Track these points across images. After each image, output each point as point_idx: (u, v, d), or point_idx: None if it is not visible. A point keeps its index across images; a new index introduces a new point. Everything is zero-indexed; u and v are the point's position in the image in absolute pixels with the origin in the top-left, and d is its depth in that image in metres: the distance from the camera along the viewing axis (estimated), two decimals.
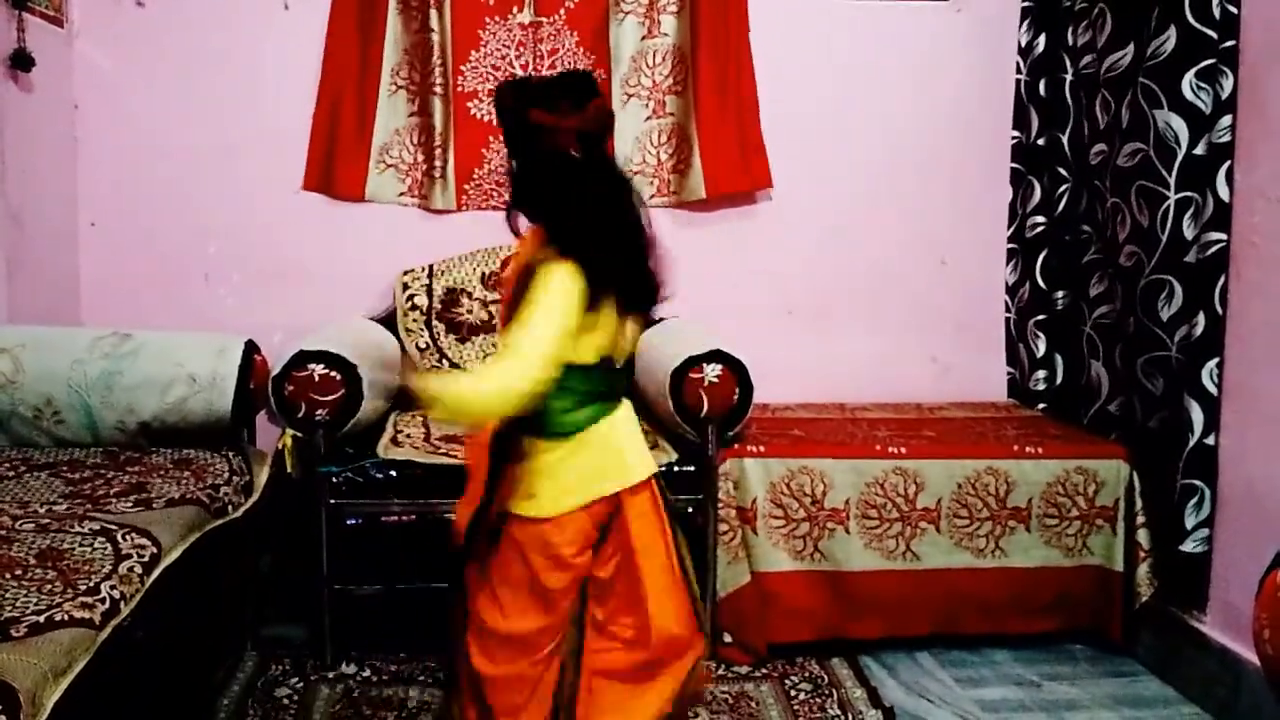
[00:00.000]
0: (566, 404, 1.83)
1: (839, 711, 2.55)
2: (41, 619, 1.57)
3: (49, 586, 1.69)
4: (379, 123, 3.41)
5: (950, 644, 2.89)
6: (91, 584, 1.72)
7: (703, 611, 2.01)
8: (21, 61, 2.92)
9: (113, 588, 1.75)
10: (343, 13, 3.34)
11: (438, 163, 3.37)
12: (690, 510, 2.74)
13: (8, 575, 1.71)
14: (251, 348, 2.70)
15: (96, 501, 2.13)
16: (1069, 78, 3.27)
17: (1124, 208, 2.86)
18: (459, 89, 3.40)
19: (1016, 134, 3.53)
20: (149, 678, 1.94)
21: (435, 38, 3.32)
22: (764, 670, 2.76)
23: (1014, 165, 3.54)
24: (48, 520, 1.97)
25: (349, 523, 2.67)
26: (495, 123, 1.89)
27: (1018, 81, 3.50)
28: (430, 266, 3.34)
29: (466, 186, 3.43)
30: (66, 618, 1.60)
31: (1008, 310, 3.60)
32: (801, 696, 2.63)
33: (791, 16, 3.48)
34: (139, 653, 1.80)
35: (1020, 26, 3.48)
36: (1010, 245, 3.57)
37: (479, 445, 1.90)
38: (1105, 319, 3.10)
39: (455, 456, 2.63)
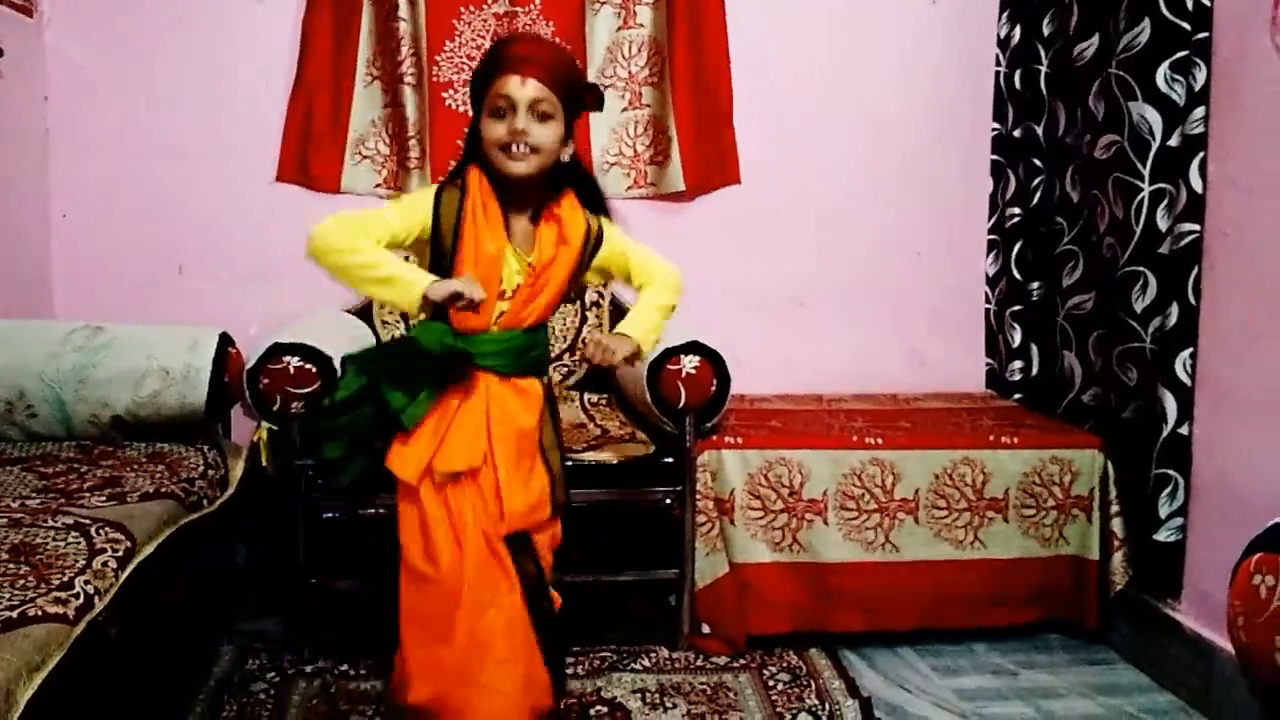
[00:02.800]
0: None
1: (817, 701, 2.56)
2: (14, 614, 1.56)
3: (22, 582, 1.67)
4: (355, 114, 3.38)
5: (929, 635, 2.90)
6: (65, 579, 1.71)
7: None
8: None
9: (87, 583, 1.73)
10: (319, 3, 3.32)
11: (413, 154, 3.36)
12: (668, 502, 2.75)
13: None
14: (226, 340, 2.68)
15: (70, 496, 2.12)
16: (1043, 69, 3.29)
17: (1102, 199, 2.88)
18: (434, 79, 3.38)
19: (997, 126, 3.54)
20: (124, 673, 1.93)
21: (406, 27, 3.29)
22: (742, 661, 2.76)
23: (994, 157, 3.55)
24: (20, 515, 1.96)
25: (326, 516, 2.66)
26: (537, 104, 1.86)
27: (997, 74, 3.51)
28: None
29: (442, 176, 3.40)
30: (40, 613, 1.58)
31: (988, 301, 3.62)
32: (780, 687, 2.63)
33: (768, 8, 3.47)
34: (114, 648, 1.79)
35: (999, 18, 3.49)
36: (991, 237, 3.59)
37: (538, 404, 2.01)
38: (1079, 310, 3.11)
39: None
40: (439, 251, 1.91)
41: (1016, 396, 3.43)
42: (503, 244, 1.90)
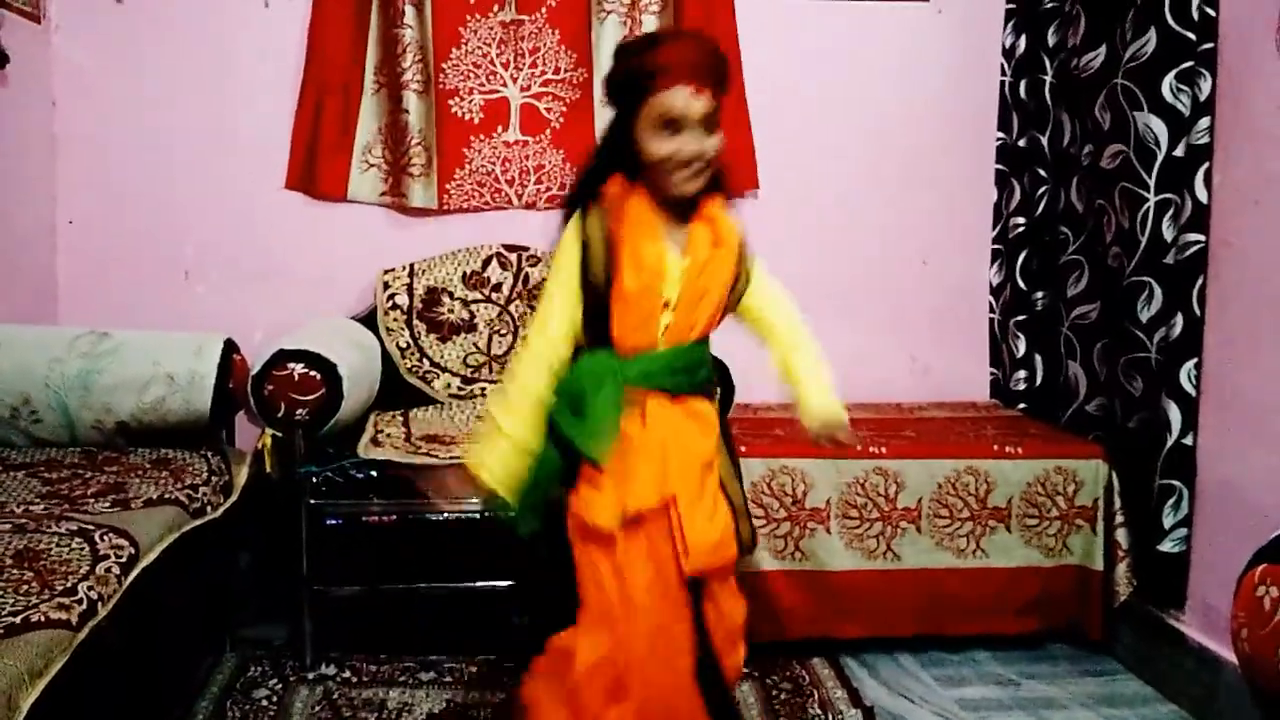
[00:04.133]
0: None
1: (820, 711, 2.56)
2: (18, 620, 1.56)
3: (25, 587, 1.67)
4: (362, 122, 3.39)
5: (931, 644, 2.89)
6: (68, 585, 1.71)
7: None
8: None
9: (90, 588, 1.74)
10: (326, 11, 3.33)
11: (417, 161, 3.36)
12: None
13: None
14: (231, 347, 2.69)
15: (74, 502, 2.12)
16: (1048, 79, 3.29)
17: (1108, 209, 2.88)
18: (441, 86, 3.39)
19: (1001, 135, 3.54)
20: (126, 679, 1.93)
21: (412, 34, 3.30)
22: (745, 670, 2.76)
23: (999, 166, 3.55)
24: (24, 520, 1.96)
25: (329, 523, 2.66)
26: (606, 102, 1.80)
27: (1002, 83, 3.51)
28: (411, 266, 3.33)
29: (448, 186, 3.41)
30: (43, 619, 1.59)
31: (992, 311, 3.61)
32: (782, 696, 2.63)
33: (773, 17, 3.48)
34: (116, 654, 1.79)
35: (1005, 28, 3.49)
36: (995, 246, 3.58)
37: (714, 429, 1.88)
38: (1083, 320, 3.11)
39: (436, 456, 2.62)
40: (590, 278, 1.78)
41: (1020, 406, 3.43)
42: (663, 251, 1.78)
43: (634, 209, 1.77)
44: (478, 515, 2.64)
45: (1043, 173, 3.34)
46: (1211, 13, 2.56)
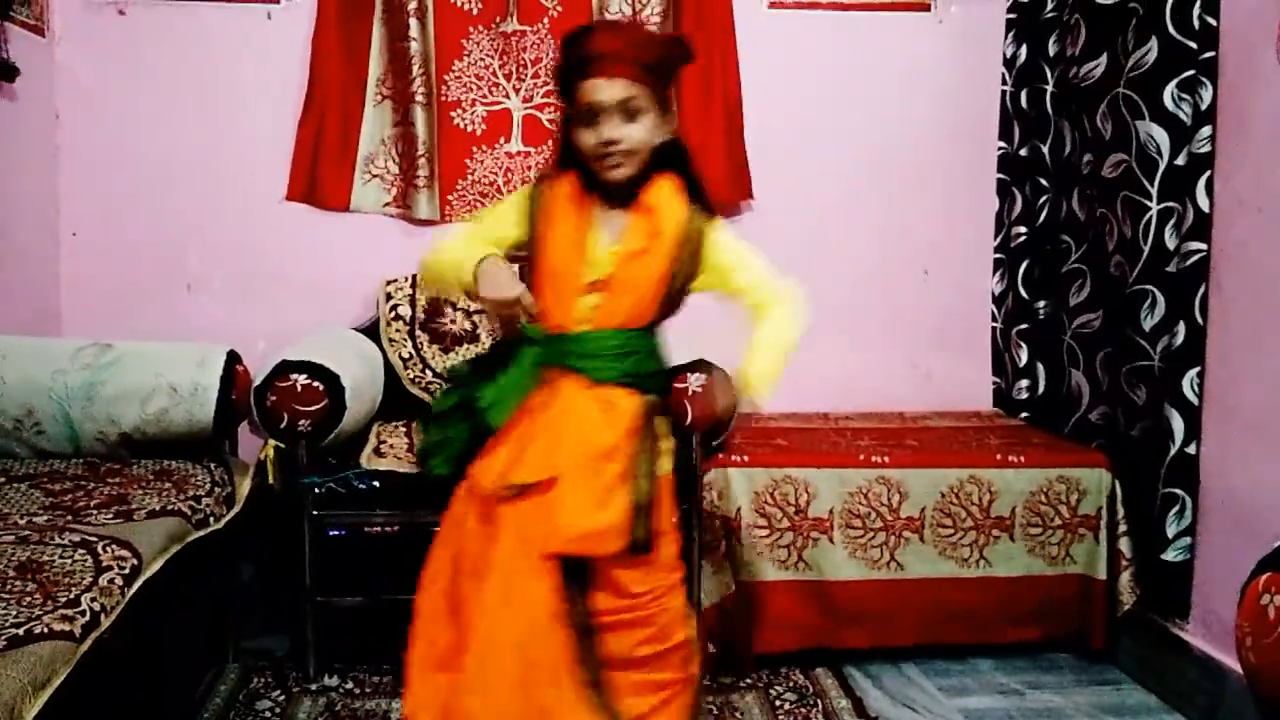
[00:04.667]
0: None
1: None
2: (21, 631, 1.56)
3: (29, 599, 1.67)
4: (364, 133, 3.40)
5: (935, 654, 2.89)
6: (71, 596, 1.71)
7: None
8: (4, 71, 2.90)
9: (93, 600, 1.73)
10: (329, 23, 3.34)
11: (422, 172, 3.37)
12: (674, 520, 2.74)
13: None
14: (233, 358, 2.69)
15: (77, 513, 2.12)
16: (1049, 88, 3.29)
17: (1110, 218, 2.88)
18: (443, 98, 3.39)
19: (1003, 145, 3.54)
20: (130, 690, 1.93)
21: (416, 46, 3.31)
22: (749, 680, 2.75)
23: (1000, 176, 3.56)
24: (27, 532, 1.96)
25: (332, 534, 2.66)
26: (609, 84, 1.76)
27: (1003, 93, 3.52)
28: (413, 276, 3.33)
29: (450, 197, 3.42)
30: (46, 630, 1.59)
31: (994, 320, 3.61)
32: (786, 706, 2.62)
33: (773, 28, 3.48)
34: (119, 665, 1.79)
35: (1005, 38, 3.50)
36: (997, 255, 3.59)
37: (626, 421, 1.81)
38: (1086, 328, 3.11)
39: None
40: (531, 247, 1.84)
41: (1023, 415, 3.42)
42: (584, 231, 1.80)
43: (563, 192, 1.82)
44: None
45: (1044, 182, 3.34)
46: (1212, 22, 2.56)
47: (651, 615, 1.81)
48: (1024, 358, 3.44)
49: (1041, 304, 3.38)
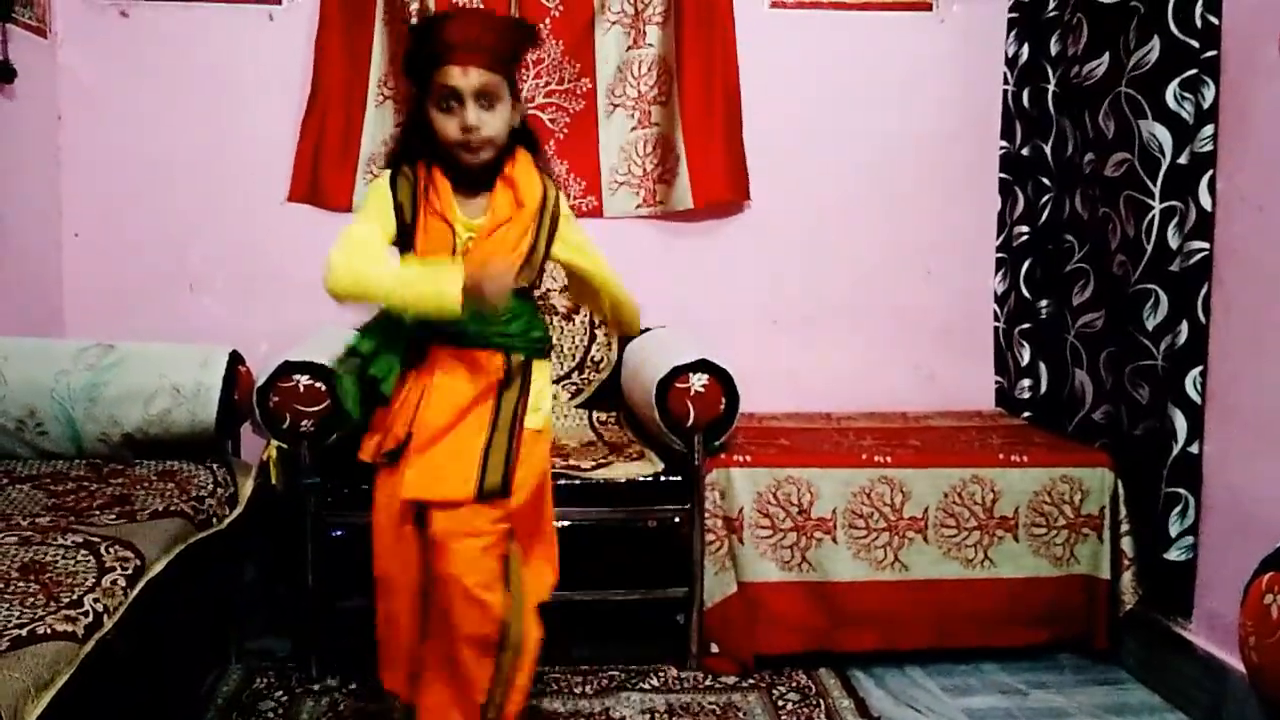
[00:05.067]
0: (545, 325, 2.04)
1: None
2: (24, 632, 1.56)
3: (31, 600, 1.68)
4: (366, 133, 3.40)
5: (938, 654, 2.88)
6: (74, 597, 1.71)
7: None
8: (4, 73, 2.90)
9: (96, 601, 1.74)
10: (331, 24, 3.34)
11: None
12: (677, 520, 2.74)
13: None
14: (236, 359, 2.69)
15: (80, 514, 2.12)
16: (1050, 87, 3.29)
17: (1114, 217, 2.88)
18: None
19: (1005, 144, 3.54)
20: (132, 691, 1.93)
21: None
22: (751, 680, 2.75)
23: (1002, 175, 3.55)
24: (30, 533, 1.96)
25: (334, 535, 2.66)
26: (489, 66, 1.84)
27: (1005, 92, 3.51)
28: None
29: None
30: (49, 631, 1.59)
31: (996, 319, 3.61)
32: (789, 706, 2.62)
33: (774, 27, 3.48)
34: (122, 666, 1.79)
35: (1007, 37, 3.50)
36: (999, 254, 3.58)
37: (489, 377, 1.93)
38: (1089, 328, 3.11)
39: None
40: (400, 238, 1.92)
41: (1025, 415, 3.42)
42: (450, 210, 1.90)
43: (426, 176, 1.90)
44: None
45: (1046, 181, 3.34)
46: (1214, 20, 2.56)
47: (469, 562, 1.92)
48: (1026, 357, 3.44)
49: (1044, 303, 3.38)
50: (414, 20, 3.28)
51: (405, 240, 1.92)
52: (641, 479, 2.74)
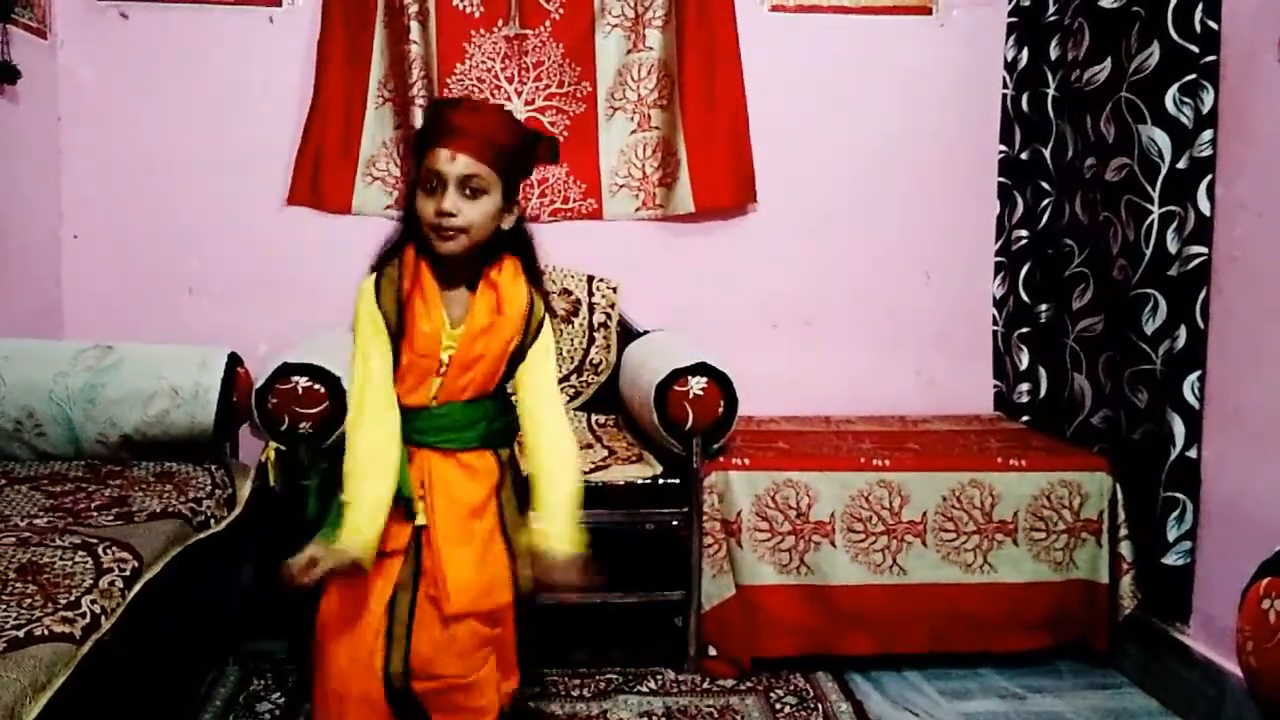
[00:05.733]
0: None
1: None
2: (21, 634, 1.56)
3: (29, 601, 1.67)
4: (366, 135, 3.40)
5: (937, 659, 2.88)
6: (72, 598, 1.71)
7: None
8: (6, 74, 2.91)
9: (93, 602, 1.74)
10: (331, 26, 3.34)
11: None
12: (675, 523, 2.74)
13: None
14: (235, 360, 2.69)
15: (77, 515, 2.12)
16: (1050, 92, 3.29)
17: (1113, 222, 2.88)
18: None
19: (1004, 148, 3.54)
20: (130, 693, 1.93)
21: (417, 50, 3.31)
22: (749, 684, 2.75)
23: (1001, 179, 3.56)
24: (28, 534, 1.96)
25: None
26: (482, 157, 1.78)
27: (1004, 96, 3.52)
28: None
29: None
30: (46, 632, 1.59)
31: (995, 324, 3.61)
32: (787, 710, 2.62)
33: (774, 31, 3.49)
34: (120, 667, 1.79)
35: (1006, 41, 3.50)
36: (998, 259, 3.59)
37: (489, 480, 1.90)
38: (1089, 332, 3.11)
39: None
40: (393, 338, 1.85)
41: (1024, 419, 3.42)
42: (440, 322, 1.83)
43: (410, 276, 1.82)
44: None
45: (1045, 185, 3.34)
46: (1213, 25, 2.56)
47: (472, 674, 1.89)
48: (1025, 361, 3.44)
49: (1043, 307, 3.38)
50: (411, 23, 3.29)
51: (393, 345, 1.85)
52: (640, 482, 2.74)
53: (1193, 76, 2.59)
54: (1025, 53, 3.40)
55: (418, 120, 3.33)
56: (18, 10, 2.98)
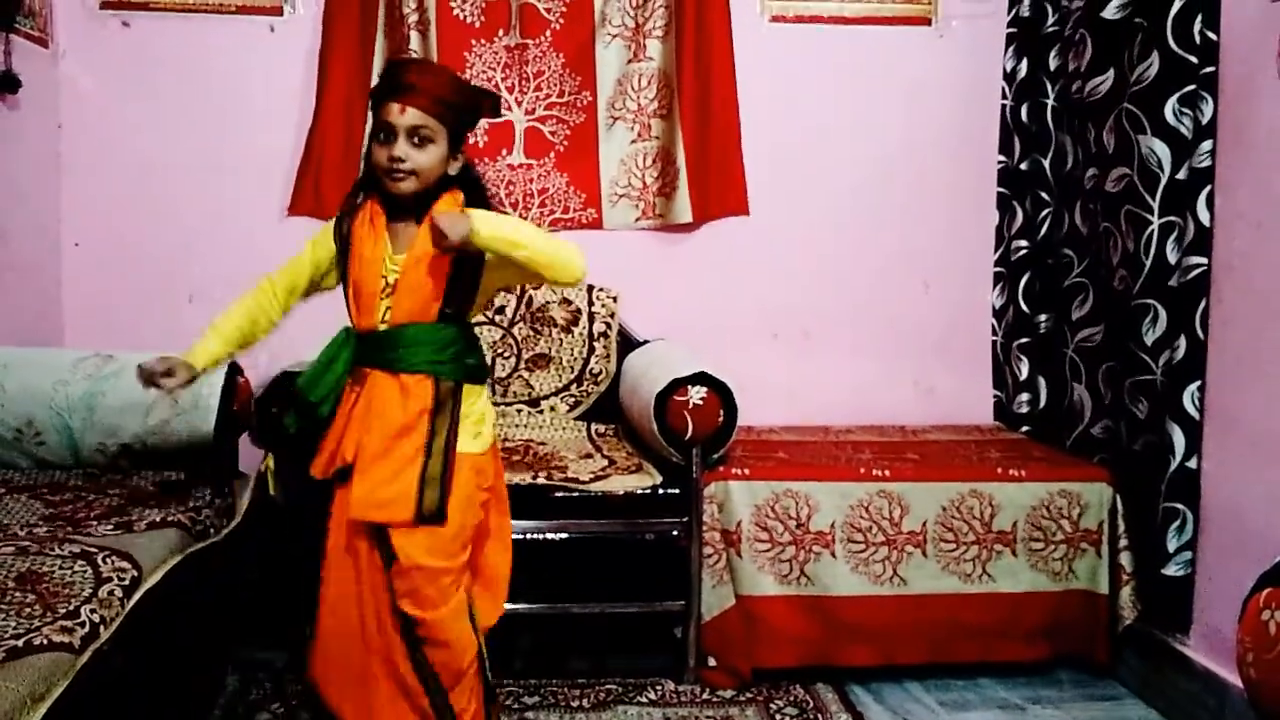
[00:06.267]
0: (480, 352, 2.12)
1: None
2: (20, 643, 1.56)
3: (28, 610, 1.67)
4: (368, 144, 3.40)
5: (937, 669, 2.88)
6: (71, 608, 1.71)
7: None
8: (7, 83, 2.91)
9: (92, 611, 1.73)
10: (333, 35, 3.34)
11: None
12: (675, 533, 2.74)
13: None
14: (235, 370, 2.69)
15: (77, 524, 2.12)
16: (1050, 102, 3.30)
17: (1113, 232, 2.88)
18: None
19: (1003, 159, 3.55)
20: (129, 702, 1.92)
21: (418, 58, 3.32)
22: (749, 695, 2.75)
23: (1000, 189, 3.56)
24: (27, 543, 1.96)
25: None
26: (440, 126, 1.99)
27: (1003, 106, 3.52)
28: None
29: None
30: (45, 642, 1.58)
31: (994, 333, 3.61)
32: None
33: (772, 41, 3.50)
34: (118, 677, 1.79)
35: (1005, 52, 3.51)
36: (997, 269, 3.59)
37: (420, 403, 2.00)
38: (1088, 342, 3.11)
39: None
40: (341, 266, 2.09)
41: (1024, 429, 3.42)
42: (381, 249, 2.01)
43: (363, 217, 2.04)
44: None
45: (1045, 196, 3.35)
46: (1213, 36, 2.57)
47: (434, 598, 1.99)
48: (1025, 371, 3.44)
49: (1042, 318, 3.38)
50: (411, 32, 3.30)
51: (343, 265, 2.08)
52: (640, 491, 2.73)
53: (1192, 87, 2.60)
54: (1024, 63, 3.41)
55: None
56: (20, 19, 2.99)
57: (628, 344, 3.38)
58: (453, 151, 2.02)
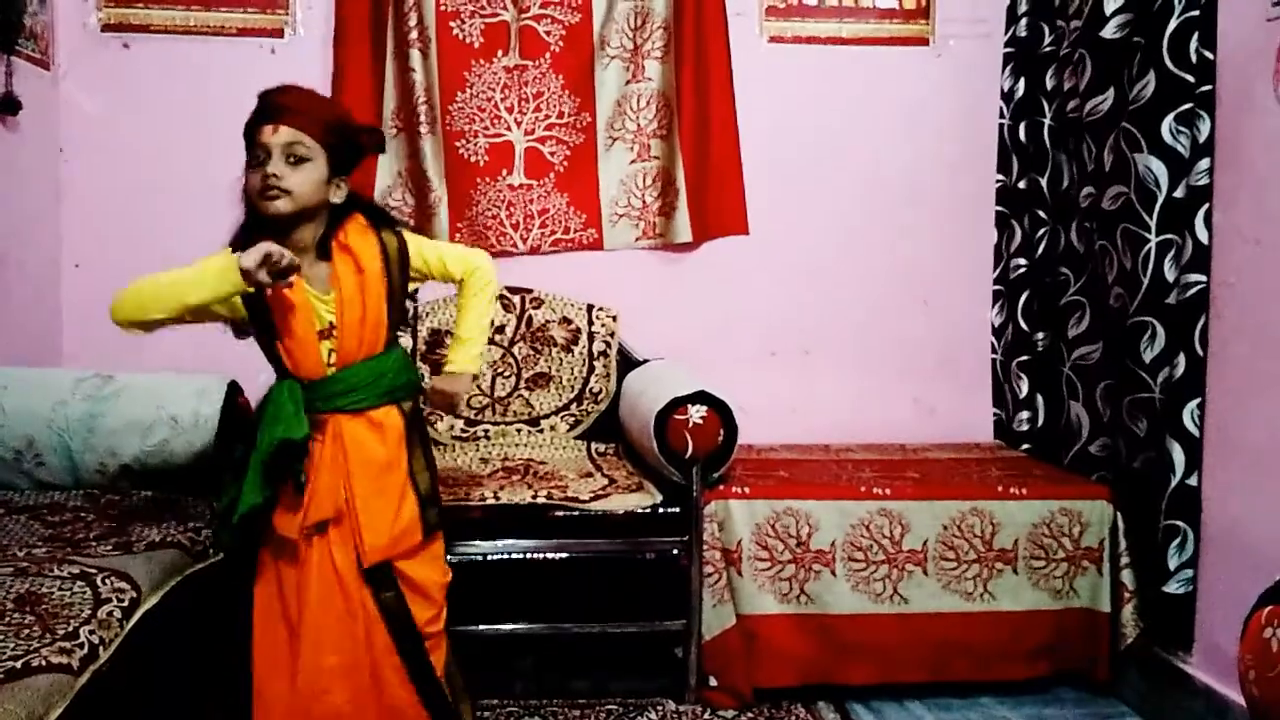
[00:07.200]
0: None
1: None
2: (18, 665, 1.55)
3: (27, 631, 1.67)
4: (381, 165, 3.41)
5: (938, 689, 2.86)
6: (70, 629, 1.71)
7: None
8: (8, 105, 2.92)
9: (91, 632, 1.73)
10: (345, 59, 3.36)
11: (430, 202, 3.39)
12: (675, 552, 2.73)
13: None
14: (234, 389, 2.69)
15: (76, 545, 2.12)
16: (1047, 121, 3.31)
17: (1111, 250, 2.89)
18: (448, 128, 3.41)
19: (1001, 178, 3.56)
20: None
21: (418, 77, 3.34)
22: (749, 714, 2.74)
23: (999, 208, 3.57)
24: (26, 564, 1.95)
25: None
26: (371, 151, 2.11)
27: (1001, 126, 3.54)
28: (415, 308, 3.34)
29: (460, 225, 3.44)
30: (44, 663, 1.58)
31: (994, 352, 3.62)
32: None
33: (770, 61, 3.52)
34: (118, 699, 1.78)
35: (1003, 71, 3.52)
36: (996, 287, 3.60)
37: (395, 433, 2.02)
38: (1085, 360, 3.11)
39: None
40: (263, 318, 2.00)
41: (1024, 447, 3.42)
42: (304, 293, 1.96)
43: None
44: (479, 558, 2.64)
45: (1043, 214, 3.35)
46: (1209, 55, 2.58)
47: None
48: (1024, 389, 3.44)
49: (1041, 336, 3.38)
50: (412, 52, 3.31)
51: (261, 319, 2.00)
52: (640, 510, 2.73)
53: (1189, 106, 2.61)
54: (1022, 83, 3.42)
55: (424, 148, 3.35)
56: (21, 42, 3.00)
57: (628, 363, 3.39)
58: (333, 177, 1.98)
